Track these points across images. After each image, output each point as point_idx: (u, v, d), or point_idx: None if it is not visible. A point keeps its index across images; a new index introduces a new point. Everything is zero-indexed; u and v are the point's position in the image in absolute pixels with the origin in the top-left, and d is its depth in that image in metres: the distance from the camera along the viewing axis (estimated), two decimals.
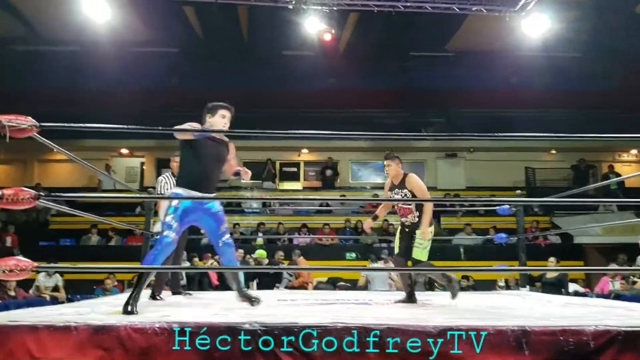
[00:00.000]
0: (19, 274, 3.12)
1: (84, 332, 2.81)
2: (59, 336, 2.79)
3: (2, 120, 3.20)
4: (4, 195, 3.18)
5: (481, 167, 16.92)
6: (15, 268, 3.06)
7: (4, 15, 14.44)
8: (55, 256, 9.85)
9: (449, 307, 4.83)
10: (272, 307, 4.48)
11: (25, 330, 2.81)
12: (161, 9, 13.05)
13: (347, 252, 12.47)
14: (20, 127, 3.28)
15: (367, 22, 13.89)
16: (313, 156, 17.27)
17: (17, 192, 3.23)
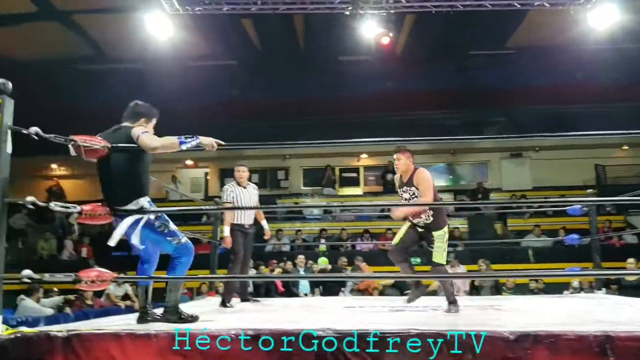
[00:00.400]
0: (100, 285, 3.27)
1: (164, 339, 2.90)
2: (140, 343, 2.90)
3: (77, 141, 3.37)
4: (83, 210, 3.35)
5: (548, 166, 16.38)
6: (97, 279, 3.21)
7: (70, 36, 15.15)
8: (127, 266, 10.18)
9: (521, 311, 4.70)
10: (340, 314, 4.49)
11: (109, 338, 2.93)
12: (220, 23, 13.32)
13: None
14: (93, 148, 3.46)
15: (424, 23, 13.72)
16: (373, 161, 17.20)
17: (95, 207, 3.39)
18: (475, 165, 17.19)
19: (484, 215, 14.48)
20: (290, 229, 13.88)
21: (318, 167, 16.79)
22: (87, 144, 3.39)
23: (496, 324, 3.45)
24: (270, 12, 11.02)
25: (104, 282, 3.25)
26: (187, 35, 12.83)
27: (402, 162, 5.01)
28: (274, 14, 11.07)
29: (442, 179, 17.43)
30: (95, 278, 3.20)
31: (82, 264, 12.20)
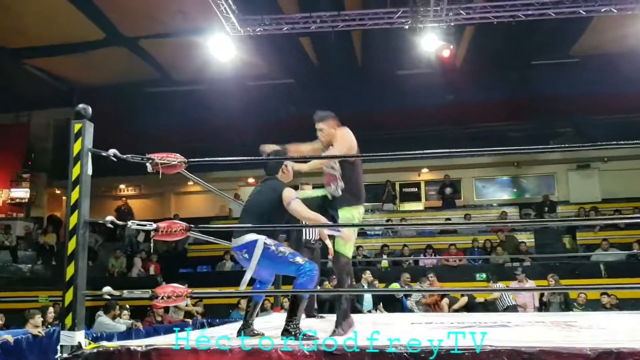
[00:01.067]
0: (175, 300, 3.35)
1: (239, 354, 2.95)
2: (216, 358, 2.95)
3: (155, 159, 3.49)
4: (159, 228, 3.45)
5: (618, 177, 15.70)
6: (173, 295, 3.29)
7: (137, 60, 15.80)
8: (194, 283, 10.41)
9: (597, 327, 4.51)
10: (410, 330, 4.43)
11: (186, 352, 3.00)
12: (279, 42, 13.59)
13: (476, 273, 12.06)
14: (170, 164, 3.57)
15: (484, 34, 13.54)
16: (434, 175, 16.97)
17: (170, 224, 3.49)
18: (541, 178, 16.67)
19: (551, 228, 14.03)
20: None
21: (378, 182, 16.71)
22: (164, 160, 3.50)
23: (573, 340, 3.33)
24: (329, 30, 11.15)
25: (179, 297, 3.32)
26: (247, 56, 13.15)
27: (325, 133, 4.38)
28: (333, 30, 11.20)
29: (506, 193, 17.01)
30: (170, 294, 3.27)
31: (151, 281, 12.61)
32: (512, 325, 4.93)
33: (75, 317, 3.05)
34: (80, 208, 3.14)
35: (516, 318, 5.93)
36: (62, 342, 3.04)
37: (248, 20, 11.13)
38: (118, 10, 13.24)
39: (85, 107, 3.23)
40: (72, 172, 3.18)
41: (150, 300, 3.31)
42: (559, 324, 4.89)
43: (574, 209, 14.83)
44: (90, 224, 3.30)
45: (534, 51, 15.29)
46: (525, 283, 10.09)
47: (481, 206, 16.19)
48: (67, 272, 3.11)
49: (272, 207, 3.90)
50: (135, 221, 3.43)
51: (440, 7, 10.34)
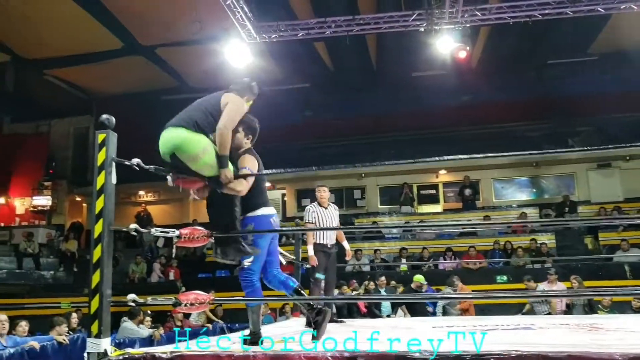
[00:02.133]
0: (198, 307, 3.39)
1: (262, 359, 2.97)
2: None
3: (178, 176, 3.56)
4: (182, 234, 3.50)
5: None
6: (196, 301, 3.33)
7: (154, 69, 15.99)
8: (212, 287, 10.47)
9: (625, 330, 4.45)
10: (430, 334, 4.40)
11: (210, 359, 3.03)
12: (294, 48, 13.66)
13: (497, 276, 11.96)
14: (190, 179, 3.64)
15: (500, 34, 13.48)
16: (452, 177, 16.87)
17: (193, 231, 3.54)
18: (561, 178, 16.48)
19: (573, 229, 13.87)
20: (369, 248, 13.81)
21: (395, 184, 16.67)
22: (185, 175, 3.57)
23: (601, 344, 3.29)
24: (344, 34, 11.18)
25: (202, 304, 3.37)
26: (262, 62, 13.21)
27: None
28: (347, 35, 11.23)
29: (525, 193, 16.86)
30: (194, 301, 3.32)
31: (171, 286, 12.71)
32: (536, 327, 4.88)
33: (101, 324, 3.10)
34: (104, 216, 3.19)
35: (539, 321, 5.88)
36: (89, 349, 3.09)
37: (264, 27, 11.20)
38: (136, 20, 13.42)
39: (109, 118, 3.29)
40: (97, 181, 3.23)
41: (174, 307, 3.35)
42: (584, 327, 4.83)
43: (595, 208, 14.64)
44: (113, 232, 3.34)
45: (551, 50, 15.17)
46: (554, 285, 9.96)
47: (500, 207, 16.06)
48: (93, 280, 3.15)
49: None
50: (159, 228, 3.48)
51: (456, 9, 10.31)
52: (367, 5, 12.42)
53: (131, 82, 16.89)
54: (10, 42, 14.44)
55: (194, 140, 3.56)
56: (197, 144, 3.56)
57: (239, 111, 3.86)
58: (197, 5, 11.38)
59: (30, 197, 17.93)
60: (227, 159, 3.65)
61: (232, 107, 3.79)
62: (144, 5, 12.59)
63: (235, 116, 3.82)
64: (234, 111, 3.80)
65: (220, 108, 3.77)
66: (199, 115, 3.69)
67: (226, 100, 3.84)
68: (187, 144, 3.55)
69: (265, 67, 14.10)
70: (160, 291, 12.35)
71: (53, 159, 18.55)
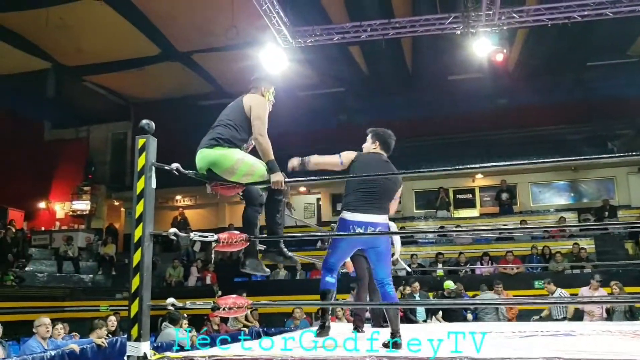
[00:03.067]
0: (237, 311, 3.39)
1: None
2: None
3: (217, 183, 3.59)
4: (220, 239, 3.50)
5: None
6: (234, 306, 3.33)
7: (191, 74, 16.19)
8: (248, 291, 10.52)
9: None
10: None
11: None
12: (329, 52, 13.66)
13: (535, 281, 11.71)
14: (229, 186, 3.66)
15: (537, 36, 13.23)
16: (488, 181, 16.61)
17: (231, 236, 3.54)
18: (600, 181, 16.07)
19: (613, 234, 13.50)
20: (406, 253, 13.69)
21: (430, 189, 16.50)
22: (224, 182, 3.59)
23: None
24: (380, 38, 11.13)
25: (240, 308, 3.36)
26: (297, 67, 13.25)
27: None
28: (383, 38, 11.17)
29: (563, 198, 16.49)
30: (232, 305, 3.31)
31: (207, 290, 12.82)
32: (577, 334, 4.77)
33: (141, 328, 3.12)
34: (144, 221, 3.21)
35: (580, 327, 5.73)
36: (129, 353, 3.11)
37: (299, 31, 11.23)
38: (172, 26, 13.62)
39: (149, 123, 3.32)
40: (137, 185, 3.26)
41: (213, 311, 3.36)
42: (627, 334, 4.70)
43: (636, 213, 14.24)
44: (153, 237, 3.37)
45: (590, 52, 14.85)
46: (596, 291, 9.70)
47: (538, 212, 15.73)
48: (133, 284, 3.18)
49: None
50: (197, 232, 3.49)
51: (493, 11, 10.15)
52: (403, 8, 12.35)
53: (168, 87, 17.15)
54: (51, 49, 14.81)
55: (227, 155, 3.67)
56: (230, 157, 3.66)
57: (266, 110, 3.91)
58: (233, 10, 11.49)
59: (70, 201, 18.36)
60: (274, 164, 3.72)
61: (259, 111, 3.85)
62: (180, 11, 12.76)
63: (265, 117, 3.86)
64: (262, 114, 3.86)
65: (245, 112, 3.85)
66: (225, 130, 3.78)
67: (249, 103, 3.90)
68: (221, 160, 3.67)
69: (300, 71, 14.14)
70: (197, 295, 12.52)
71: (92, 164, 18.96)
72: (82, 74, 16.49)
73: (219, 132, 3.77)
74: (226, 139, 3.72)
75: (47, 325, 6.50)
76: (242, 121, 3.83)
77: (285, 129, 16.08)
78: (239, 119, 3.84)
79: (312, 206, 18.42)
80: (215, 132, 3.79)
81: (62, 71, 16.05)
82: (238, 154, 3.70)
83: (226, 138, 3.72)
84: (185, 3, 12.41)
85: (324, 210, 17.87)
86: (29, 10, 12.64)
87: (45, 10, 12.63)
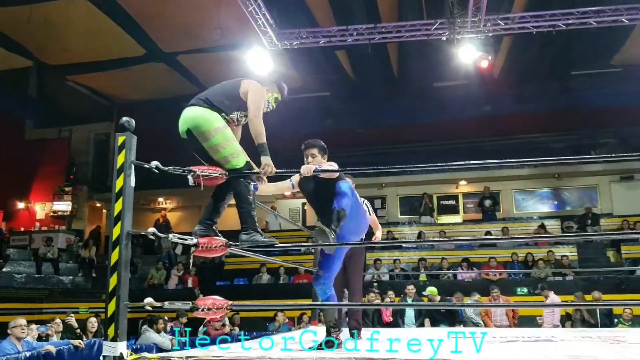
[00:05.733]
0: (216, 312, 3.34)
1: None
2: None
3: (197, 171, 3.53)
4: (200, 243, 3.45)
5: None
6: (213, 307, 3.28)
7: (176, 75, 16.09)
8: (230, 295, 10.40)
9: None
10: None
11: None
12: (315, 56, 13.67)
13: (517, 287, 11.78)
14: (211, 176, 3.59)
15: (523, 44, 13.35)
16: (472, 187, 16.70)
17: (210, 240, 3.49)
18: (583, 190, 16.23)
19: (595, 241, 13.63)
20: (389, 258, 13.71)
21: (415, 195, 16.55)
22: (206, 173, 3.53)
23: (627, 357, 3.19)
24: (366, 43, 11.15)
25: (219, 309, 3.31)
26: (283, 70, 13.22)
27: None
28: (369, 43, 11.19)
29: (546, 205, 16.62)
30: (211, 306, 3.26)
31: (188, 294, 12.70)
32: (557, 340, 4.80)
33: (118, 327, 3.06)
34: (123, 219, 3.16)
35: (560, 333, 5.78)
36: (105, 353, 3.05)
37: (285, 34, 11.21)
38: (158, 27, 13.53)
39: (129, 120, 3.26)
40: (116, 183, 3.20)
41: (191, 312, 3.31)
42: (606, 339, 4.75)
43: (618, 221, 14.38)
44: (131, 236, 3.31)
45: (574, 61, 15.03)
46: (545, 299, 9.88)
47: (521, 219, 15.83)
48: (110, 283, 3.12)
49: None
50: (176, 234, 3.43)
51: (478, 18, 10.23)
52: (389, 14, 12.38)
53: (152, 88, 17.03)
54: (33, 47, 14.65)
55: (208, 117, 3.67)
56: (210, 121, 3.66)
57: (262, 98, 3.89)
58: (218, 12, 11.44)
59: (51, 202, 18.11)
60: (266, 147, 3.74)
61: (255, 97, 3.82)
62: (166, 12, 12.68)
63: (260, 103, 3.85)
64: (258, 99, 3.83)
65: (239, 92, 3.83)
66: (215, 96, 3.78)
67: (246, 87, 3.86)
68: (201, 119, 3.67)
69: (286, 74, 14.11)
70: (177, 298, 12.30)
71: (74, 164, 18.73)
72: (65, 73, 16.33)
73: (207, 94, 3.78)
74: (210, 101, 3.72)
75: (22, 326, 6.37)
76: (233, 95, 3.82)
77: (270, 132, 15.98)
78: (232, 92, 3.83)
79: (297, 210, 18.37)
80: (205, 94, 3.80)
81: (45, 70, 15.88)
82: (220, 123, 3.69)
83: (210, 100, 3.72)
84: (170, 4, 12.34)
85: (309, 215, 17.82)
86: (11, 7, 12.48)
87: (28, 8, 12.49)
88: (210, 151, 3.68)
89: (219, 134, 3.66)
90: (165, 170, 3.40)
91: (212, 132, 3.65)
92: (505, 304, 10.68)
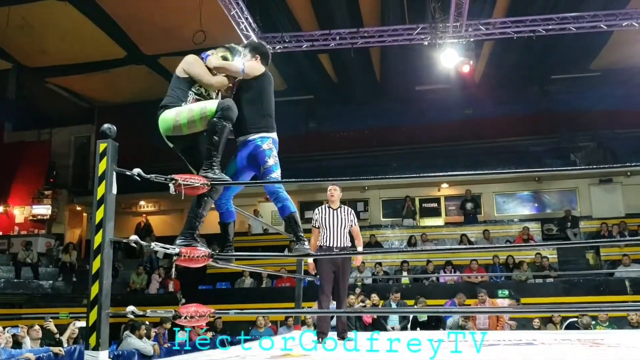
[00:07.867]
0: (198, 320, 3.32)
1: None
2: None
3: (178, 180, 3.50)
4: (182, 252, 3.44)
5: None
6: (196, 314, 3.27)
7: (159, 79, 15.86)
8: (213, 299, 10.39)
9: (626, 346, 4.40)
10: (430, 335, 4.34)
11: None
12: (298, 60, 13.67)
13: (499, 290, 11.88)
14: (193, 186, 3.58)
15: (503, 49, 13.52)
16: (454, 190, 16.83)
17: (192, 250, 3.47)
18: (563, 192, 16.42)
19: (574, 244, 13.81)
20: (371, 261, 13.74)
21: (397, 197, 16.62)
22: (188, 182, 3.51)
23: None
24: (349, 47, 11.20)
25: (202, 317, 3.30)
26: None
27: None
28: (352, 47, 11.25)
29: (527, 208, 16.79)
30: (194, 313, 3.25)
31: (170, 298, 12.62)
32: (538, 343, 4.86)
33: (100, 336, 3.02)
34: (104, 227, 3.12)
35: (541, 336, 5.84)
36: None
37: (268, 37, 11.22)
38: (139, 29, 13.44)
39: (110, 127, 3.23)
40: (97, 191, 3.17)
41: (174, 319, 3.29)
42: (585, 342, 4.82)
43: (597, 224, 14.57)
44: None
45: (554, 65, 15.24)
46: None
47: (502, 221, 15.98)
48: (92, 291, 3.08)
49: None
50: (159, 243, 3.41)
51: (460, 23, 10.33)
52: (372, 18, 12.44)
53: (134, 91, 16.88)
54: (12, 50, 14.46)
55: (165, 116, 3.80)
56: (168, 117, 3.79)
57: (197, 67, 3.94)
58: (200, 14, 11.40)
59: (30, 205, 17.84)
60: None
61: (192, 70, 3.91)
62: (147, 14, 12.60)
63: (201, 72, 3.92)
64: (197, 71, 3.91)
65: (177, 75, 3.95)
66: (168, 95, 3.90)
67: (180, 66, 3.97)
68: (163, 123, 3.82)
69: None
70: (159, 302, 12.32)
71: (54, 167, 18.48)
72: (44, 75, 16.13)
73: (162, 103, 3.90)
74: (164, 105, 3.84)
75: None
76: (177, 81, 3.94)
77: None
78: (174, 80, 3.96)
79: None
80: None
81: (24, 72, 15.68)
82: (173, 111, 3.79)
83: (164, 104, 3.85)
84: (152, 6, 12.26)
85: None
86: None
87: (7, 9, 12.33)
88: (192, 134, 3.82)
89: (180, 115, 3.77)
90: (147, 178, 3.38)
91: (176, 119, 3.77)
92: (497, 308, 10.74)
